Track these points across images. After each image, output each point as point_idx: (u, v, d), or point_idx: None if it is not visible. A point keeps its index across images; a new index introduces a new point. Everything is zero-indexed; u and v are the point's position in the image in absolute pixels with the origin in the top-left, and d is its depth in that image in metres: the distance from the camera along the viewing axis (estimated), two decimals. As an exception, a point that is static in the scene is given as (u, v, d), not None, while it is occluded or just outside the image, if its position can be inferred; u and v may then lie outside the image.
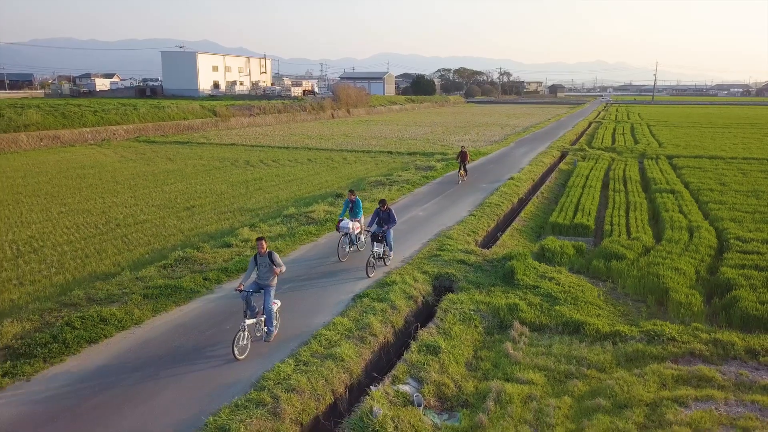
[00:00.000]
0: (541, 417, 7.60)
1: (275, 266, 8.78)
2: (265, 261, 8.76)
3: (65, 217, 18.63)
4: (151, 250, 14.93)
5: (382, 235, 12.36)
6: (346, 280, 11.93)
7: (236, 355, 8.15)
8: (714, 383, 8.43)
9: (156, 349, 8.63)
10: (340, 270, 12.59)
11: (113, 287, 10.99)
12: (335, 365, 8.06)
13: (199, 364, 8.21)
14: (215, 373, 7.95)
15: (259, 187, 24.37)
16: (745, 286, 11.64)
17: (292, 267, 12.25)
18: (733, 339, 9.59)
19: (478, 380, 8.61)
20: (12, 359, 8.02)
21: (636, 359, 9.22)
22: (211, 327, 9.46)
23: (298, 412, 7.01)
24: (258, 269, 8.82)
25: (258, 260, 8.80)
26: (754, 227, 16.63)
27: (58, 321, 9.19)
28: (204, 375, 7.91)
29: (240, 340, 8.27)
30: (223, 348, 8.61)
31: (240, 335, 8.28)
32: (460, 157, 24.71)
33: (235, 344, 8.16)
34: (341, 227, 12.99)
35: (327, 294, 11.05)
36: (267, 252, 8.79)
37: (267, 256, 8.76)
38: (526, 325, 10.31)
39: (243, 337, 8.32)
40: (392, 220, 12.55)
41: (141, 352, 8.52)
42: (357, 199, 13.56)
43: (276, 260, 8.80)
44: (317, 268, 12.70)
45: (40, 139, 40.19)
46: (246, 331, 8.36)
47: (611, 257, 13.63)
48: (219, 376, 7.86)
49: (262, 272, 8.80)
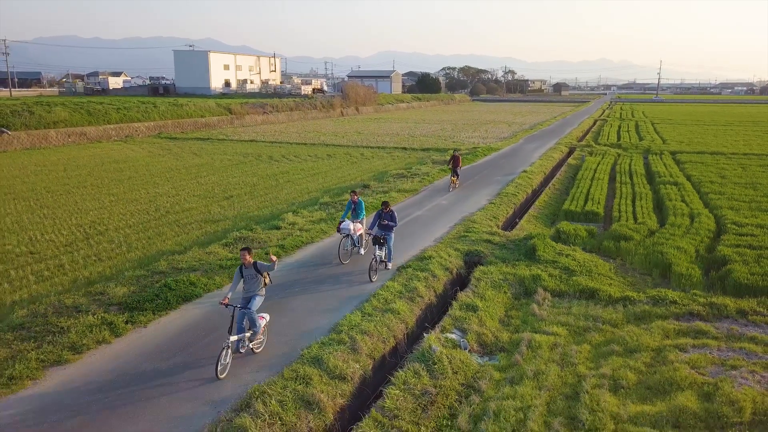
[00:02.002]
0: (565, 358, 9.24)
1: (262, 274, 8.33)
2: (251, 272, 8.29)
3: (116, 205, 20.32)
4: (205, 232, 16.61)
5: (384, 238, 12.00)
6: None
7: (218, 374, 7.61)
8: (709, 335, 10.06)
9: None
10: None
11: (189, 260, 12.68)
12: (393, 317, 9.73)
13: (276, 314, 9.88)
14: (298, 320, 9.62)
15: (288, 179, 26.04)
16: (739, 261, 13.25)
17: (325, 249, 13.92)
18: (726, 302, 11.22)
19: (510, 332, 10.28)
20: (128, 311, 9.71)
21: (643, 318, 10.85)
22: (280, 291, 11.13)
23: (370, 349, 8.68)
24: (245, 281, 8.35)
25: (243, 272, 8.32)
26: (750, 214, 18.21)
27: (155, 284, 10.88)
28: (289, 322, 9.57)
29: (223, 358, 7.73)
30: (303, 295, 10.28)
31: (224, 353, 7.73)
32: (452, 162, 22.52)
33: (219, 362, 7.67)
34: (342, 229, 12.54)
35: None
36: (252, 263, 8.31)
37: (252, 267, 8.30)
38: (548, 291, 11.96)
39: (226, 354, 7.78)
40: (394, 222, 12.28)
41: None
42: (360, 200, 13.26)
43: (262, 267, 8.35)
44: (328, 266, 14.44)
45: (68, 136, 41.95)
46: (230, 348, 7.85)
47: (620, 238, 15.26)
48: (302, 324, 9.52)
49: (249, 284, 8.35)
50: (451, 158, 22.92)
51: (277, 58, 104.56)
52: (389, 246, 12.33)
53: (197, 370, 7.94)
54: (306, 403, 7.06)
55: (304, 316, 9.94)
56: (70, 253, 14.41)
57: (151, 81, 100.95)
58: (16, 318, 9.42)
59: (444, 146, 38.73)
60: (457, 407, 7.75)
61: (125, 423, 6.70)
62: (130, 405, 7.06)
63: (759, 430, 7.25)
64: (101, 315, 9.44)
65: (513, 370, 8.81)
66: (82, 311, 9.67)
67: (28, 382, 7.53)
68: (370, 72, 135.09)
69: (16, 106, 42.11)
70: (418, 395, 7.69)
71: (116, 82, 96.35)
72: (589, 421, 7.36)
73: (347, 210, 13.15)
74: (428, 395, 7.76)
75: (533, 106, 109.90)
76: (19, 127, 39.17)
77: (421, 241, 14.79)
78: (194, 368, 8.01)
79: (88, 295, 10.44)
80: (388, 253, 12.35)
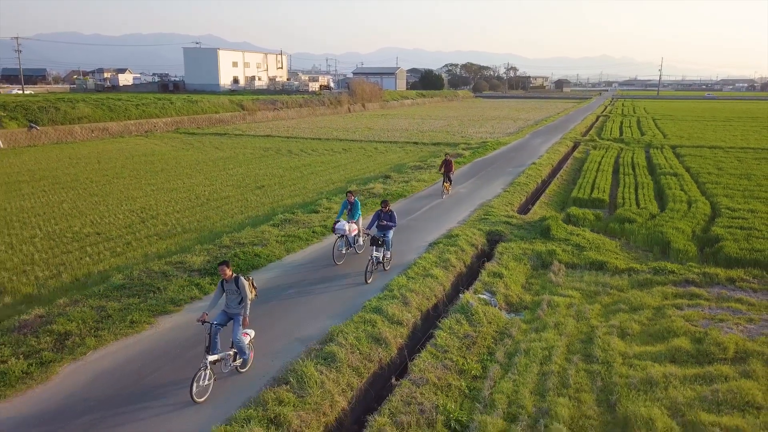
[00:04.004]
0: (580, 314, 10.97)
1: (242, 293, 7.72)
2: (232, 287, 7.71)
3: (158, 194, 22.03)
4: (248, 216, 18.33)
5: (383, 239, 11.72)
6: (424, 229, 15.32)
7: (194, 398, 7.03)
8: (702, 297, 11.77)
9: (300, 272, 12.04)
10: (409, 228, 15.95)
11: (247, 237, 14.40)
12: (432, 280, 11.46)
13: (328, 284, 11.58)
14: (343, 295, 11.32)
15: (312, 171, 27.74)
16: (730, 239, 14.95)
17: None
18: (717, 272, 12.93)
19: (532, 295, 12.01)
20: (208, 276, 11.45)
21: (645, 284, 12.56)
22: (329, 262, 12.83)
23: (417, 304, 10.41)
24: (226, 296, 7.82)
25: (225, 286, 7.77)
26: (743, 201, 19.90)
27: (225, 255, 12.61)
28: (333, 295, 11.27)
29: (200, 380, 7.13)
30: (352, 273, 11.97)
31: (201, 374, 7.13)
32: (444, 167, 20.37)
33: (194, 385, 7.04)
34: (337, 229, 12.33)
35: (417, 236, 14.46)
36: (233, 277, 7.71)
37: (233, 282, 7.71)
38: (562, 263, 13.68)
39: (204, 376, 7.18)
40: (393, 222, 12.01)
41: (291, 275, 11.92)
42: (356, 200, 12.95)
43: (243, 287, 7.69)
44: (398, 222, 16.06)
45: (91, 131, 43.67)
46: (208, 369, 7.23)
47: (624, 221, 16.97)
48: (344, 297, 11.23)
49: (230, 300, 7.79)
50: (442, 162, 20.62)
51: (284, 55, 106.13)
52: (388, 245, 11.97)
53: (271, 318, 9.70)
54: (375, 339, 8.79)
55: (349, 286, 11.65)
56: (132, 233, 16.16)
57: (159, 78, 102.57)
58: (116, 281, 11.16)
59: (454, 141, 40.39)
60: (494, 347, 9.48)
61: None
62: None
63: (740, 364, 8.95)
64: (187, 278, 11.19)
65: (537, 322, 10.54)
66: (170, 275, 11.41)
67: (146, 326, 9.27)
68: (375, 69, 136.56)
69: (42, 103, 43.79)
70: (462, 337, 9.42)
71: (126, 79, 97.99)
72: (601, 357, 9.08)
73: (342, 210, 12.84)
74: (470, 337, 9.48)
75: (536, 103, 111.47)
76: (47, 123, 40.89)
77: (447, 222, 16.50)
78: (267, 317, 9.77)
79: (170, 264, 12.15)
80: (387, 247, 12.01)
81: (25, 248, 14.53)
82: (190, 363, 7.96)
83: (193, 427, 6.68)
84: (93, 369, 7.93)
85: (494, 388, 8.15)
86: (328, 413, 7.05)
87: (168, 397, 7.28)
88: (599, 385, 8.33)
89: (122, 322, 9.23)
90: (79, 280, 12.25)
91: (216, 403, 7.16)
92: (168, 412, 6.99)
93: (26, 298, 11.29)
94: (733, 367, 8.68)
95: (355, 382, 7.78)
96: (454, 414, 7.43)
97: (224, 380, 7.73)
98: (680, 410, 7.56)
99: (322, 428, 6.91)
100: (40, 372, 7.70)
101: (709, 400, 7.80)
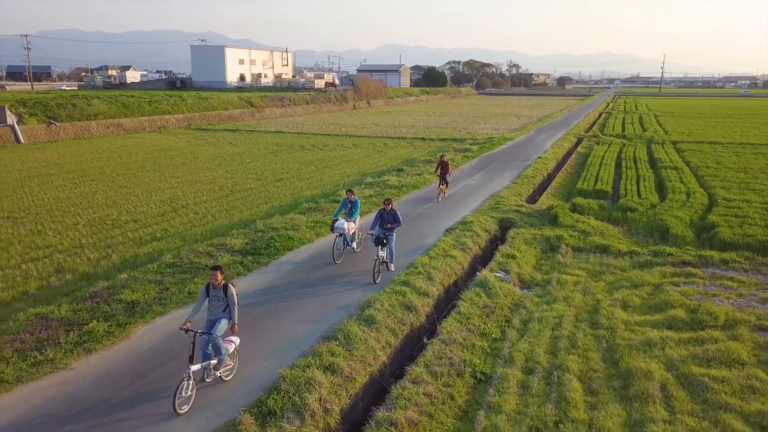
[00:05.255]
0: (586, 290, 12.12)
1: (230, 303, 7.44)
2: (219, 294, 7.47)
3: (183, 185, 23.20)
4: (273, 206, 19.49)
5: (386, 239, 11.67)
6: (439, 218, 16.47)
7: (176, 409, 6.79)
8: (697, 276, 12.91)
9: (326, 253, 13.21)
10: (428, 215, 17.10)
11: (278, 223, 15.56)
12: (452, 260, 12.63)
13: (354, 264, 12.71)
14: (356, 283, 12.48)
15: (326, 165, 28.89)
16: (725, 225, 16.08)
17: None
18: (712, 254, 14.07)
19: (542, 274, 13.18)
20: (250, 255, 12.63)
21: (646, 265, 13.70)
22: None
23: (440, 280, 11.57)
24: (210, 303, 7.53)
25: (210, 292, 7.49)
26: (739, 192, 21.01)
27: (262, 238, 13.79)
28: (365, 270, 12.42)
29: (183, 390, 6.91)
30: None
31: (184, 384, 6.91)
32: (440, 168, 19.27)
33: (177, 395, 6.83)
34: (336, 228, 12.40)
35: (434, 223, 15.61)
36: (222, 284, 7.47)
37: (221, 290, 7.46)
38: (569, 247, 14.84)
39: (187, 386, 6.95)
40: (397, 222, 11.83)
41: (325, 255, 13.07)
42: (356, 199, 13.02)
43: (231, 295, 7.43)
44: (415, 211, 17.25)
45: (107, 127, 44.87)
46: (191, 379, 6.99)
47: (626, 210, 18.10)
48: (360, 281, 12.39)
49: (214, 306, 7.52)
50: (438, 164, 19.51)
51: (289, 53, 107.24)
52: (391, 247, 11.92)
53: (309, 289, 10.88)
54: (406, 306, 9.96)
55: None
56: (167, 221, 17.33)
57: (167, 75, 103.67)
58: (166, 260, 12.34)
59: (460, 137, 41.51)
60: (510, 315, 10.66)
61: (292, 311, 9.62)
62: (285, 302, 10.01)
63: (729, 330, 10.09)
64: (231, 257, 12.37)
65: (548, 296, 11.70)
66: (214, 255, 12.59)
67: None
68: (379, 66, 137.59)
69: (59, 100, 44.98)
70: (482, 307, 10.59)
71: (133, 76, 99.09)
72: (606, 324, 10.24)
73: (341, 208, 12.89)
74: (488, 308, 10.65)
75: (538, 100, 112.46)
76: (65, 119, 42.10)
77: (461, 211, 17.65)
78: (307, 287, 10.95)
79: (212, 246, 13.34)
80: (389, 254, 11.96)
81: (71, 234, 15.72)
82: (247, 324, 9.11)
83: (269, 365, 7.87)
84: (163, 330, 9.11)
85: (512, 348, 9.32)
86: (372, 364, 8.23)
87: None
88: (604, 346, 9.50)
89: (181, 293, 10.42)
90: (128, 261, 13.43)
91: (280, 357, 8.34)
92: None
93: (84, 276, 12.47)
94: (723, 333, 9.84)
95: (392, 341, 8.96)
96: (479, 367, 8.60)
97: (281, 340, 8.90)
98: (675, 365, 8.73)
99: (367, 376, 8.08)
100: (120, 332, 8.89)
101: (701, 357, 8.96)
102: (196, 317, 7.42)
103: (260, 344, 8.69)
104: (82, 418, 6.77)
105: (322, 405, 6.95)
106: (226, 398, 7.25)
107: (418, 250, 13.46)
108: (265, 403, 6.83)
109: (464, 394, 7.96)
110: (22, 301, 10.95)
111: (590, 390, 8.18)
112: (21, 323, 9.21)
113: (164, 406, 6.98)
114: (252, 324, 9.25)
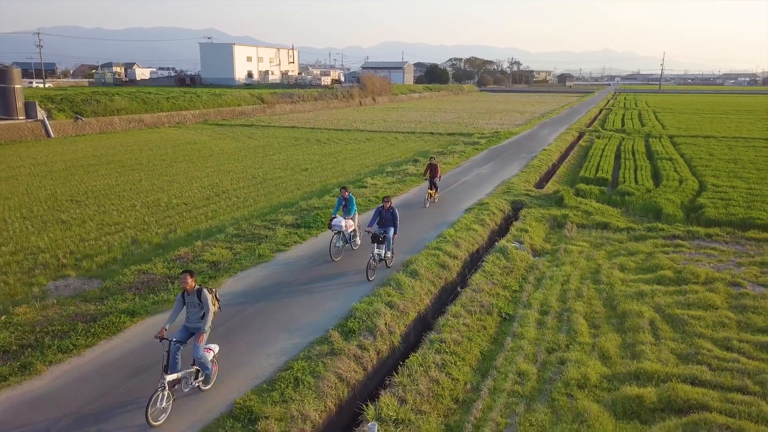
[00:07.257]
0: (589, 257, 14.22)
1: (205, 309, 7.21)
2: (194, 300, 7.23)
3: (218, 174, 25.25)
4: (304, 192, 21.55)
5: (383, 236, 11.55)
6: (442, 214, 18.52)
7: (150, 421, 6.58)
8: (684, 246, 15.01)
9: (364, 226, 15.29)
10: (426, 211, 19.14)
11: (318, 203, 17.63)
12: (474, 233, 14.73)
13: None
14: (412, 236, 14.56)
15: (345, 157, 30.96)
16: (711, 206, 18.17)
17: (410, 198, 18.80)
18: (699, 230, 16.17)
19: (551, 245, 15.27)
20: (302, 227, 14.73)
21: (641, 238, 15.80)
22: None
23: (466, 247, 13.67)
24: (187, 309, 7.32)
25: (186, 299, 7.27)
26: (727, 180, 23.09)
27: (308, 215, 15.89)
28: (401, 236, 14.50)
29: (158, 401, 6.69)
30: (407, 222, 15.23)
31: (158, 396, 6.68)
32: (429, 172, 18.27)
33: (151, 406, 6.59)
34: (333, 225, 12.32)
35: (454, 203, 17.67)
36: (195, 289, 7.25)
37: (195, 295, 7.24)
38: (574, 224, 16.94)
39: (162, 398, 6.72)
40: (396, 221, 11.77)
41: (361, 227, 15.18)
42: (350, 195, 12.93)
43: (205, 300, 7.22)
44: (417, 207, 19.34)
45: (129, 122, 46.93)
46: (166, 390, 6.74)
47: (624, 194, 20.19)
48: (413, 238, 14.47)
49: (191, 313, 7.30)
50: (427, 167, 18.53)
51: (295, 50, 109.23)
52: (389, 246, 11.82)
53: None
54: (440, 265, 12.07)
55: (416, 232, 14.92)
56: (214, 203, 19.41)
57: (176, 72, 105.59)
58: (230, 231, 14.45)
59: (467, 131, 43.55)
60: (526, 274, 12.76)
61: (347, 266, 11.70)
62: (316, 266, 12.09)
63: (707, 285, 12.16)
64: (286, 230, 14.46)
65: (557, 261, 13.80)
66: (271, 228, 14.68)
67: (270, 258, 12.56)
68: (383, 63, 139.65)
69: (84, 96, 47.03)
70: (502, 267, 12.68)
71: (143, 73, 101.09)
72: (606, 281, 12.34)
73: (338, 206, 12.75)
74: (507, 268, 12.75)
75: (540, 96, 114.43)
76: (90, 114, 44.16)
77: (477, 195, 19.74)
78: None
79: (267, 221, 15.43)
80: (387, 249, 11.84)
81: (133, 214, 17.80)
82: (303, 276, 11.17)
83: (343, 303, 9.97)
84: (246, 282, 11.21)
85: (530, 297, 11.43)
86: (419, 304, 10.34)
87: (295, 293, 10.59)
88: (604, 296, 11.60)
89: (252, 256, 12.52)
90: (192, 234, 15.51)
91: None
92: (297, 297, 10.29)
93: (158, 246, 14.54)
94: (703, 287, 11.94)
95: (432, 289, 11.06)
96: (504, 309, 10.71)
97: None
98: (662, 308, 10.83)
99: (415, 313, 10.18)
100: (213, 283, 10.98)
101: (683, 303, 11.07)
102: (172, 325, 7.19)
103: (333, 289, 10.86)
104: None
105: (387, 327, 9.04)
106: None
107: (443, 225, 15.56)
108: (346, 325, 8.93)
109: (494, 326, 10.07)
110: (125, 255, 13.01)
111: (593, 325, 10.28)
112: (129, 276, 11.30)
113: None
114: (313, 280, 11.32)
